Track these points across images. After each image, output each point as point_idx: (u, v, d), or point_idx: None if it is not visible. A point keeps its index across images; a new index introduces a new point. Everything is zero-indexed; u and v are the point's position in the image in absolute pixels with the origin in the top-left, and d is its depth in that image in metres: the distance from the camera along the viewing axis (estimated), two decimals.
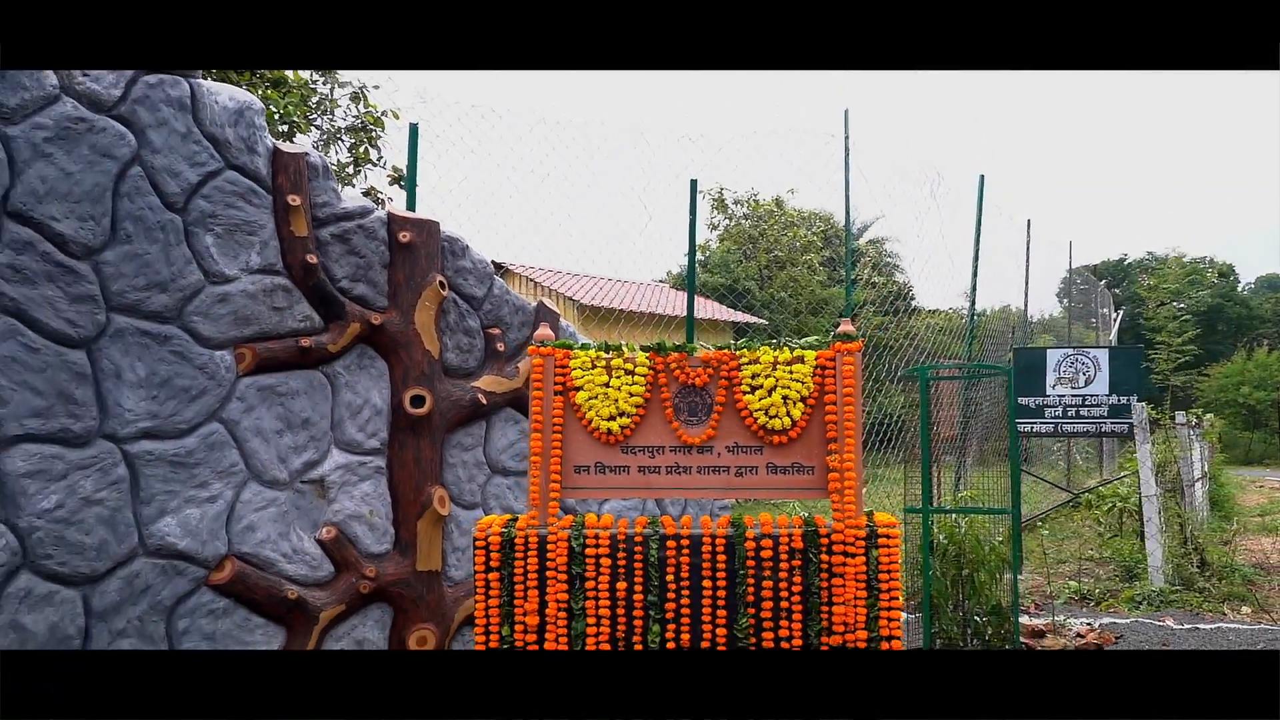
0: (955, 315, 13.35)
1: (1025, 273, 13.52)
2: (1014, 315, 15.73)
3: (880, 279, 21.40)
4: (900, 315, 17.26)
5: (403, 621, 4.49)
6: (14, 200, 3.26)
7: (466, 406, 4.78)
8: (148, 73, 3.61)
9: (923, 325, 14.95)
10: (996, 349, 13.02)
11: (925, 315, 18.12)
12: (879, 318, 17.73)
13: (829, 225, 24.54)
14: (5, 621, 3.22)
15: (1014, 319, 15.64)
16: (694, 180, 6.88)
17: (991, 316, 18.14)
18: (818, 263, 21.36)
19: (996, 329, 15.62)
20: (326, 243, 4.21)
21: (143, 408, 3.60)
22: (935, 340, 13.34)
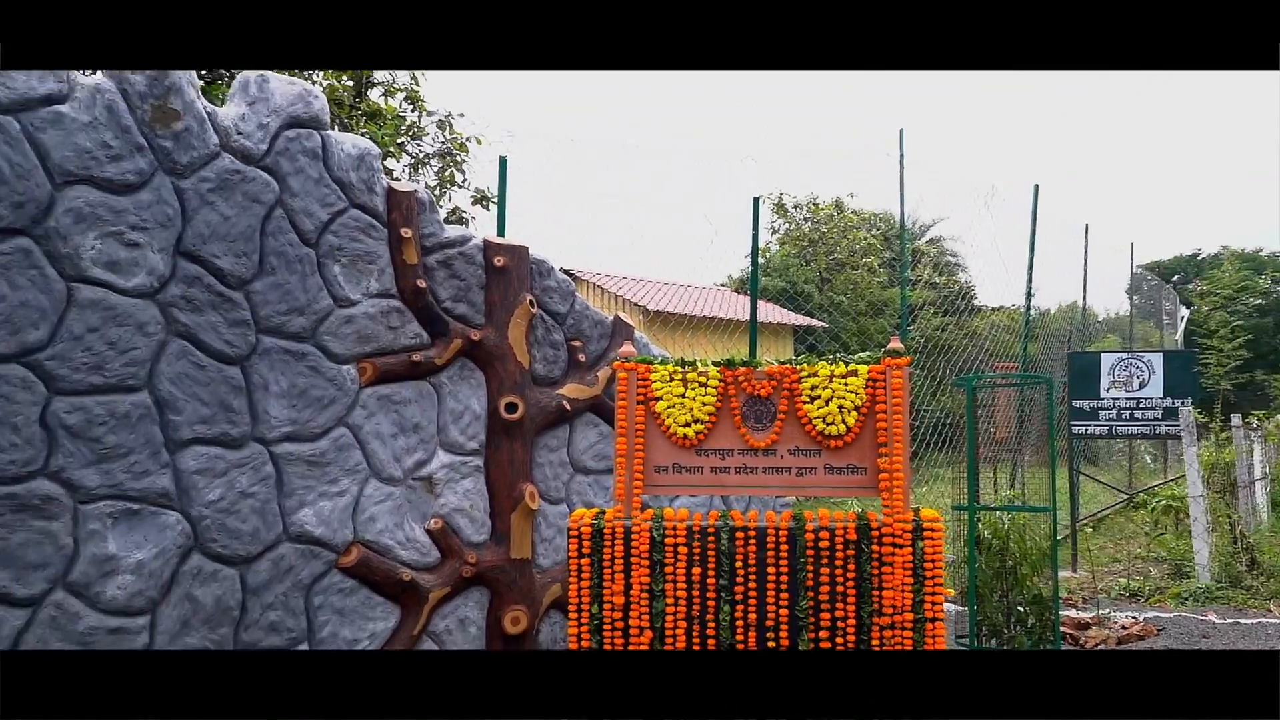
0: (1018, 313, 13.48)
1: (1084, 276, 13.64)
2: (1082, 314, 15.78)
3: (941, 279, 21.48)
4: (961, 315, 17.40)
5: (498, 603, 5.05)
6: (185, 241, 3.88)
7: (553, 412, 5.32)
8: (290, 127, 4.23)
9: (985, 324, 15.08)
10: (1062, 348, 13.16)
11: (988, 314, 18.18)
12: (939, 318, 17.88)
13: (889, 226, 24.68)
14: (181, 594, 3.85)
15: (1080, 318, 15.69)
16: (756, 198, 7.32)
17: (1055, 316, 18.16)
18: (877, 264, 21.56)
19: (1060, 328, 15.69)
20: (432, 268, 4.78)
21: (285, 415, 4.21)
22: (997, 339, 13.50)
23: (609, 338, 5.68)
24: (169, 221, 3.82)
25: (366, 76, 7.83)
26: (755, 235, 7.18)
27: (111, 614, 3.66)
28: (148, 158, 3.76)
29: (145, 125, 3.76)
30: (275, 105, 4.19)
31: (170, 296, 3.83)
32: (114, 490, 3.67)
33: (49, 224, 3.50)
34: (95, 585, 3.62)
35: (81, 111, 3.59)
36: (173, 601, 3.83)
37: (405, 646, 4.63)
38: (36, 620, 3.48)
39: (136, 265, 3.73)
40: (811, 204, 24.37)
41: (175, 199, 3.85)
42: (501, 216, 6.09)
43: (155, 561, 3.77)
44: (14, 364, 3.42)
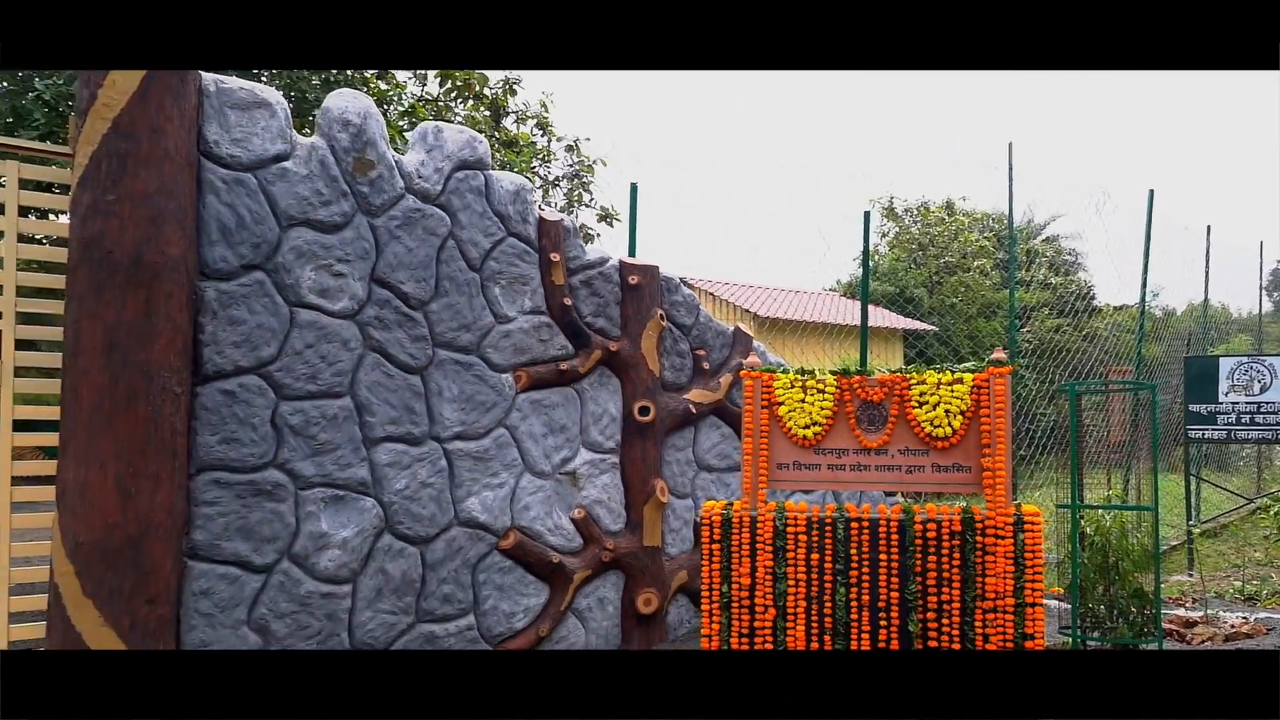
0: (1142, 313, 13.23)
1: (1205, 278, 13.37)
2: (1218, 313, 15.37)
3: (1057, 279, 21.11)
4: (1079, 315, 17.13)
5: (632, 585, 5.64)
6: (378, 270, 4.61)
7: (680, 415, 5.89)
8: (460, 169, 4.92)
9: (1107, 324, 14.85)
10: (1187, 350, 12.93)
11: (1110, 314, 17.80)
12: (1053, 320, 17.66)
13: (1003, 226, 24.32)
14: (376, 567, 4.58)
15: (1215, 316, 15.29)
16: (866, 213, 7.72)
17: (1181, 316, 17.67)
18: (990, 266, 21.35)
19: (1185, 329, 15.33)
20: (576, 288, 5.41)
21: (455, 417, 4.90)
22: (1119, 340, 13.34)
23: (730, 347, 6.21)
24: (366, 254, 4.55)
25: (502, 106, 8.58)
26: (866, 251, 7.56)
27: (324, 581, 4.40)
28: (350, 201, 4.50)
29: (348, 175, 4.50)
30: (448, 151, 4.89)
31: (367, 317, 4.56)
32: (325, 479, 4.42)
33: (277, 260, 4.27)
34: (312, 557, 4.37)
35: (301, 166, 4.35)
36: (369, 573, 4.56)
37: (553, 621, 5.26)
38: (269, 584, 4.25)
39: (341, 291, 4.47)
40: (922, 207, 24.26)
41: (370, 235, 4.58)
42: (633, 238, 6.71)
43: (356, 539, 4.51)
44: (252, 375, 4.20)
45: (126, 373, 3.70)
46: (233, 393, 4.12)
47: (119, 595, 3.71)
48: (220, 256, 4.09)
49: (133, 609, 3.75)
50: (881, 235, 25.39)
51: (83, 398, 3.67)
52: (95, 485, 3.67)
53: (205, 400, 4.06)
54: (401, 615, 4.68)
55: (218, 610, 4.09)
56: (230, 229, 4.12)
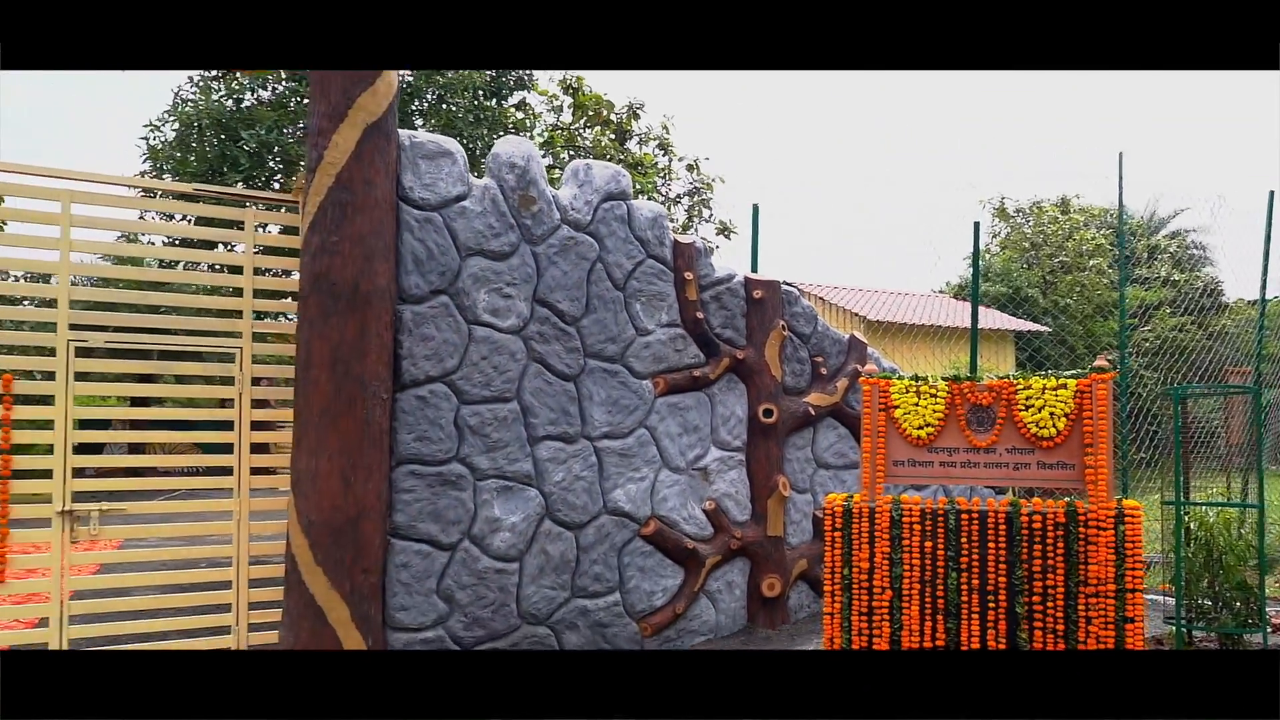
0: (1273, 308, 12.85)
1: None
2: None
3: (1181, 276, 20.57)
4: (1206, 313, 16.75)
5: (757, 571, 6.21)
6: (539, 291, 5.33)
7: (800, 416, 6.43)
8: (606, 200, 5.60)
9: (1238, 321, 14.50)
10: None
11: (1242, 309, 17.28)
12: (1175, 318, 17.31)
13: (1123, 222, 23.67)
14: (538, 549, 5.29)
15: None
16: (976, 223, 8.06)
17: None
18: (1106, 264, 20.95)
19: None
20: (706, 302, 6.02)
21: (604, 418, 5.58)
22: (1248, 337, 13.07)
23: (846, 354, 6.72)
24: (529, 278, 5.28)
25: (627, 129, 9.27)
26: (976, 262, 7.91)
27: (497, 559, 5.14)
28: (516, 233, 5.24)
29: (515, 210, 5.24)
30: (596, 185, 5.58)
31: (530, 332, 5.29)
32: (497, 472, 5.16)
33: (458, 285, 5.03)
34: (487, 538, 5.11)
35: (476, 204, 5.10)
36: (533, 553, 5.28)
37: (688, 600, 5.88)
38: (453, 560, 5.01)
39: (510, 311, 5.21)
40: (1034, 207, 23.91)
41: (533, 261, 5.30)
42: (754, 255, 7.28)
43: (523, 524, 5.23)
44: (439, 383, 4.97)
45: (347, 382, 4.51)
46: (424, 398, 4.90)
47: (342, 565, 4.52)
48: (414, 284, 4.87)
49: (352, 576, 4.55)
50: (992, 236, 25.12)
51: (313, 403, 4.50)
52: (323, 475, 4.49)
53: (403, 404, 4.84)
54: (560, 590, 5.38)
55: (414, 581, 4.87)
56: (422, 260, 4.90)
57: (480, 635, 5.10)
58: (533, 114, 8.90)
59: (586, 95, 9.13)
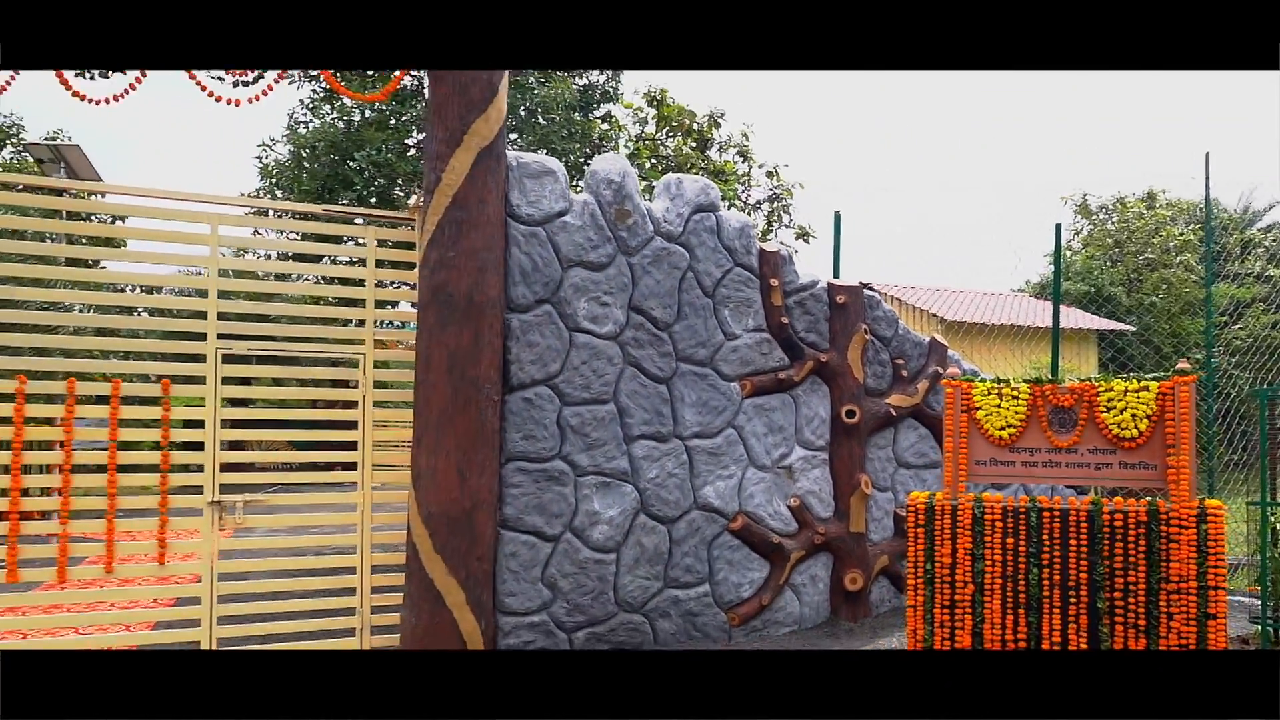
0: None
1: None
2: None
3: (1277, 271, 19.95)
4: None
5: (840, 566, 6.45)
6: (634, 299, 5.67)
7: (881, 417, 6.65)
8: (696, 212, 5.91)
9: None
10: None
11: None
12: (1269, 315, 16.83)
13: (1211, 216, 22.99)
14: (634, 540, 5.63)
15: None
16: (1058, 224, 8.14)
17: None
18: (1195, 261, 20.40)
19: None
20: (791, 308, 6.29)
21: (694, 419, 5.89)
22: None
23: (926, 356, 6.91)
24: (625, 287, 5.62)
25: (707, 137, 9.57)
26: (1058, 265, 7.99)
27: (596, 550, 5.50)
28: (613, 245, 5.59)
29: (611, 223, 5.59)
30: (687, 198, 5.90)
31: (626, 338, 5.63)
32: (596, 469, 5.52)
33: (560, 294, 5.41)
34: (587, 530, 5.48)
35: (576, 219, 5.47)
36: (629, 545, 5.63)
37: (773, 592, 6.16)
38: (556, 551, 5.38)
39: (607, 318, 5.56)
40: (1118, 202, 23.37)
41: (628, 271, 5.65)
42: (836, 261, 7.51)
43: (620, 517, 5.58)
44: (543, 386, 5.35)
45: (463, 385, 4.91)
46: (530, 400, 5.29)
47: (458, 553, 4.93)
48: (521, 294, 5.26)
49: (467, 564, 4.96)
50: (1074, 233, 24.63)
51: (432, 404, 4.91)
52: (442, 470, 4.90)
53: (511, 406, 5.24)
54: (653, 580, 5.72)
55: (521, 569, 5.26)
56: (527, 272, 5.28)
57: (580, 621, 5.46)
58: (617, 125, 9.26)
59: (670, 106, 9.44)
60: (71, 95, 4.19)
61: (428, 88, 5.11)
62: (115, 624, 5.41)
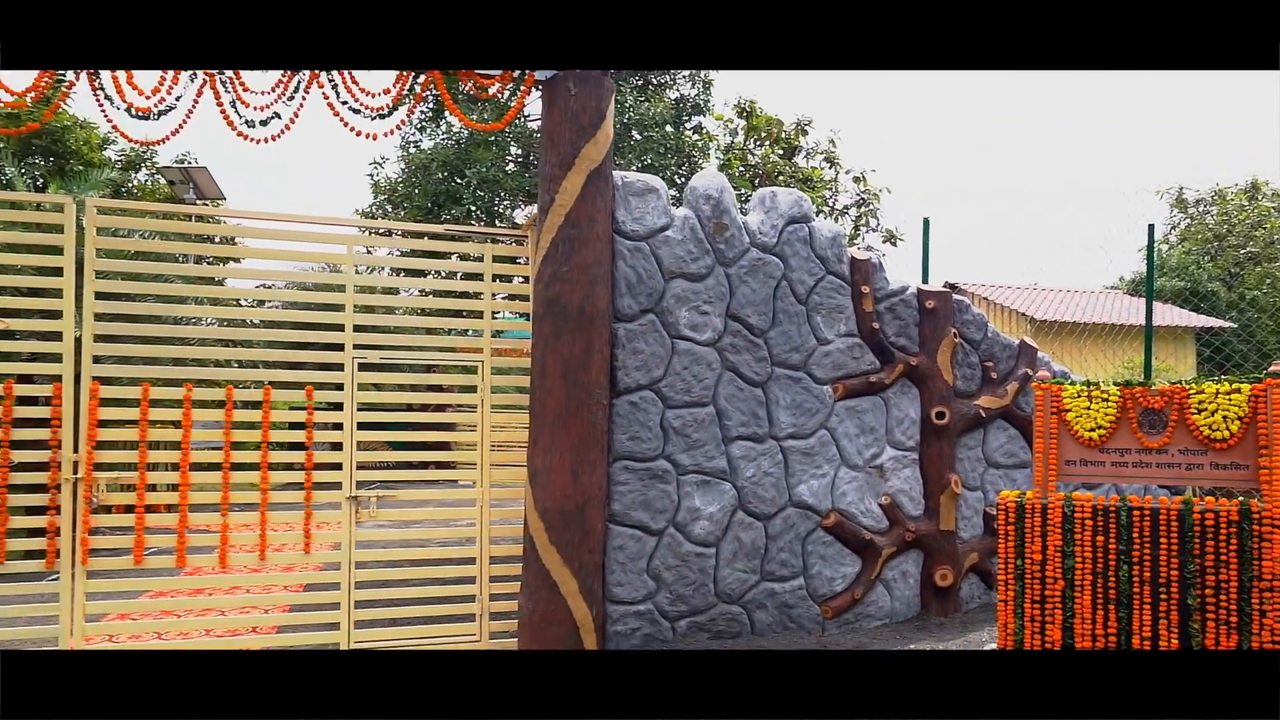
0: None
1: None
2: None
3: None
4: None
5: (930, 562, 6.66)
6: (731, 308, 6.00)
7: (970, 418, 6.83)
8: (790, 224, 6.20)
9: None
10: None
11: None
12: None
13: None
14: (732, 536, 5.96)
15: None
16: (1151, 225, 8.13)
17: None
18: None
19: None
20: (881, 313, 6.53)
21: (788, 420, 6.19)
22: None
23: (1015, 358, 7.05)
24: (723, 296, 5.96)
25: (794, 144, 9.82)
26: (1150, 266, 8.00)
27: (697, 544, 5.85)
28: (711, 257, 5.93)
29: (709, 236, 5.93)
30: (781, 210, 6.20)
31: (723, 344, 5.97)
32: (696, 467, 5.86)
33: (662, 304, 5.77)
34: (688, 525, 5.83)
35: (677, 233, 5.82)
36: (728, 540, 5.96)
37: (865, 587, 6.41)
38: (660, 544, 5.75)
39: (706, 325, 5.90)
40: (1217, 195, 22.60)
41: (726, 281, 5.98)
42: (925, 267, 7.71)
43: (719, 513, 5.92)
44: (648, 390, 5.72)
45: (576, 390, 5.32)
46: (636, 403, 5.67)
47: (571, 545, 5.34)
48: (627, 305, 5.64)
49: (579, 555, 5.36)
50: (1170, 227, 23.92)
51: (547, 408, 5.33)
52: (556, 469, 5.32)
53: (619, 409, 5.62)
54: (750, 574, 6.04)
55: (629, 561, 5.64)
56: (632, 284, 5.66)
57: (683, 610, 5.82)
58: (708, 136, 9.58)
59: (759, 116, 9.72)
60: (236, 135, 4.73)
61: (540, 114, 5.53)
62: (270, 605, 5.98)
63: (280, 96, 4.83)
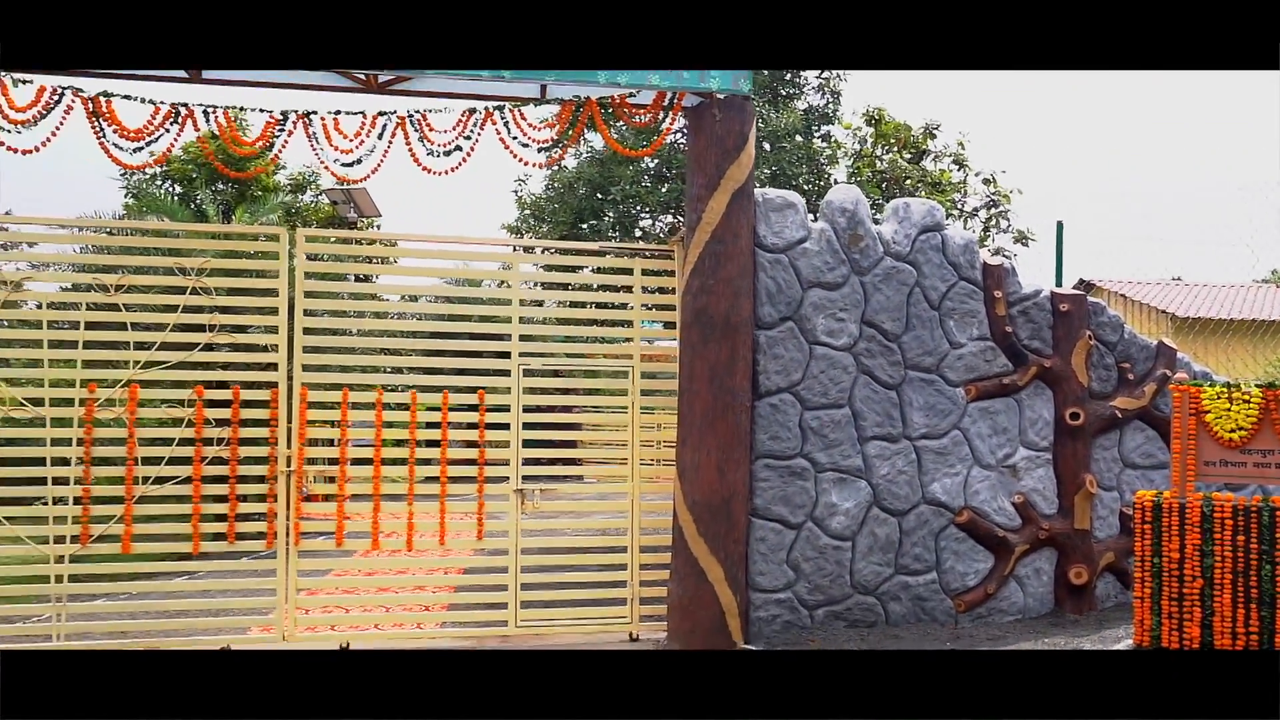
0: None
1: None
2: None
3: None
4: None
5: (1064, 560, 6.79)
6: (866, 314, 6.32)
7: (1106, 419, 6.92)
8: (923, 233, 6.47)
9: None
10: None
11: None
12: None
13: None
14: (868, 530, 6.28)
15: None
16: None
17: None
18: None
19: None
20: (1014, 317, 6.71)
21: (921, 421, 6.46)
22: None
23: (1153, 359, 7.09)
24: (858, 304, 6.29)
25: (921, 149, 9.99)
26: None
27: (834, 538, 6.21)
28: (847, 266, 6.27)
29: (845, 247, 6.27)
30: (914, 220, 6.48)
31: (859, 349, 6.30)
32: (833, 465, 6.22)
33: (800, 312, 6.15)
34: (826, 520, 6.19)
35: (814, 245, 6.19)
36: (863, 534, 6.29)
37: (998, 583, 6.60)
38: (799, 537, 6.14)
39: (842, 332, 6.25)
40: None
41: (860, 289, 6.31)
42: (1059, 270, 7.81)
43: (855, 509, 6.26)
44: (787, 393, 6.12)
45: (721, 394, 5.76)
46: (776, 405, 6.07)
47: (718, 537, 5.78)
48: (767, 313, 6.05)
49: (725, 546, 5.81)
50: None
51: (695, 410, 5.79)
52: (704, 466, 5.78)
53: (760, 411, 6.04)
54: (885, 567, 6.35)
55: (770, 552, 6.05)
56: (773, 294, 6.06)
57: (820, 599, 6.19)
58: (836, 144, 9.85)
59: (888, 124, 9.94)
60: (423, 171, 5.40)
61: (687, 138, 6.00)
62: (443, 586, 6.66)
63: (460, 134, 5.46)
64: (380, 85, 5.54)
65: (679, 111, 5.86)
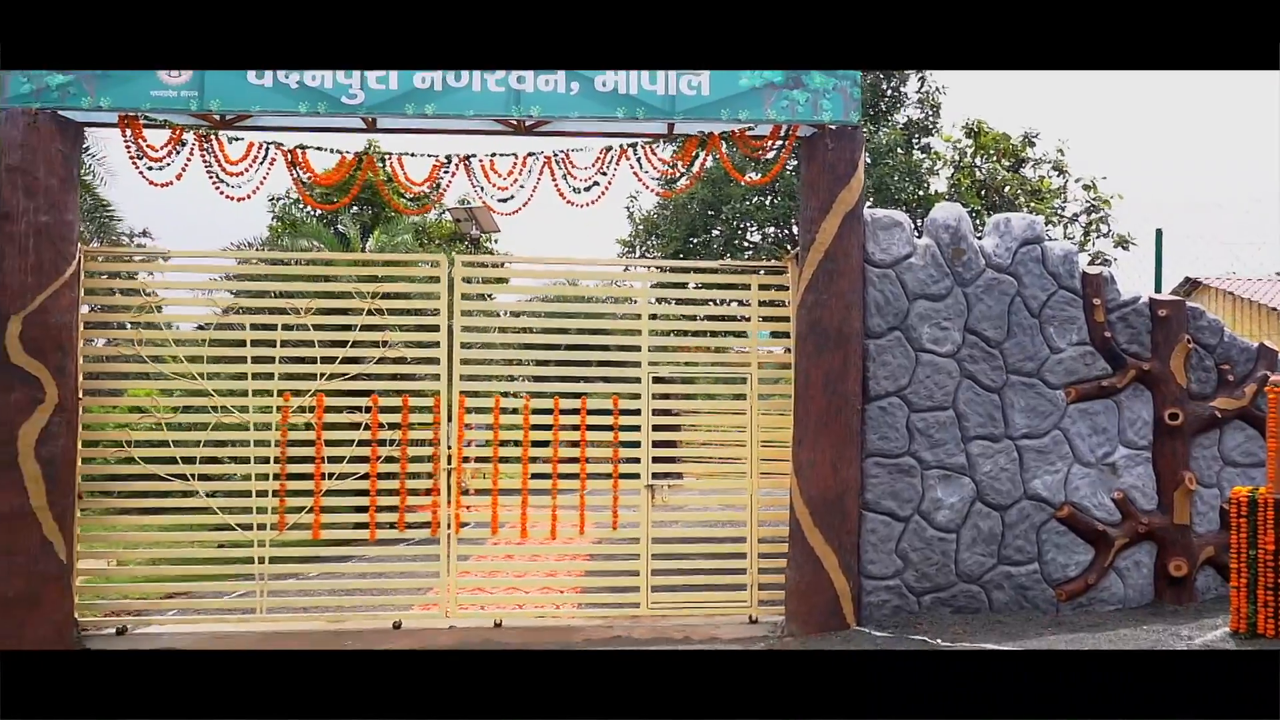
0: None
1: None
2: None
3: None
4: None
5: (1164, 554, 7.12)
6: (969, 323, 6.79)
7: (1205, 419, 7.21)
8: (1023, 245, 6.90)
9: None
10: None
11: None
12: None
13: None
14: (971, 524, 6.75)
15: None
16: None
17: None
18: None
19: None
20: (1113, 323, 7.07)
21: (1022, 422, 6.90)
22: None
23: (1254, 361, 7.34)
24: (961, 313, 6.77)
25: (1020, 155, 10.30)
26: None
27: (939, 530, 6.71)
28: (950, 279, 6.75)
29: (948, 261, 6.75)
30: (1015, 234, 6.91)
31: (962, 355, 6.77)
32: (939, 463, 6.72)
33: (907, 322, 6.66)
34: (932, 514, 6.70)
35: (919, 259, 6.70)
36: (967, 527, 6.77)
37: (1098, 574, 6.98)
38: (907, 530, 6.66)
39: (946, 339, 6.74)
40: None
41: (963, 299, 6.78)
42: (1158, 276, 8.09)
43: (959, 504, 6.74)
44: (895, 397, 6.64)
45: (834, 398, 6.34)
46: (885, 408, 6.61)
47: (832, 528, 6.36)
48: (876, 324, 6.59)
49: (839, 536, 6.38)
50: None
51: (811, 413, 6.38)
52: (819, 464, 6.36)
53: (870, 413, 6.58)
54: (988, 558, 6.81)
55: (880, 543, 6.60)
56: (881, 306, 6.59)
57: (927, 587, 6.70)
58: (935, 156, 10.22)
59: (987, 135, 10.24)
60: (566, 203, 6.13)
61: (800, 165, 6.58)
62: (581, 572, 7.43)
63: (598, 170, 6.16)
64: (527, 128, 6.28)
65: (794, 142, 6.44)
